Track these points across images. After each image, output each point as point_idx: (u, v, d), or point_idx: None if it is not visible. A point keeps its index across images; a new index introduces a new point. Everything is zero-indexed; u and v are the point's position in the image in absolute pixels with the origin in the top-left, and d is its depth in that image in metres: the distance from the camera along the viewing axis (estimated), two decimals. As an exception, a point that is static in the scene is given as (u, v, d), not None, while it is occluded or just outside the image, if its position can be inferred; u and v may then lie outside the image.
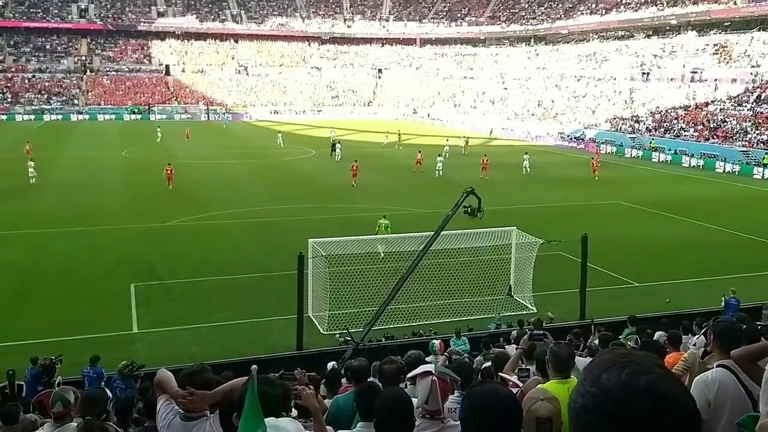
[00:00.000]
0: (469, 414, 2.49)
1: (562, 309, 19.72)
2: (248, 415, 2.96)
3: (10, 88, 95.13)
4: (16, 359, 15.29)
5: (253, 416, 2.96)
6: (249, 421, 2.94)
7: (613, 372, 1.45)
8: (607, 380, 1.44)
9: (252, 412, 2.96)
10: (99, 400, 5.33)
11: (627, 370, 1.45)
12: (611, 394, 1.42)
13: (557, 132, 74.03)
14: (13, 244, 27.41)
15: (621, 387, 1.42)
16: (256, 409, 2.97)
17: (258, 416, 2.97)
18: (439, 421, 4.35)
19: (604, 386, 1.44)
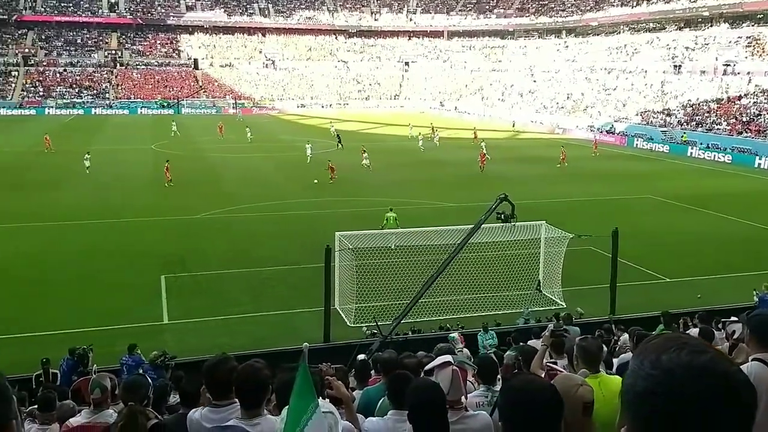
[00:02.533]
0: (509, 407, 2.46)
1: (592, 304, 19.52)
2: (300, 390, 3.00)
3: (42, 81, 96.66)
4: (49, 348, 15.57)
5: (306, 392, 3.01)
6: (301, 397, 2.99)
7: (672, 353, 1.48)
8: (668, 361, 1.47)
9: (304, 388, 3.01)
10: (140, 386, 5.42)
11: (685, 351, 1.48)
12: (674, 375, 1.45)
13: (587, 125, 73.26)
14: (46, 235, 27.88)
15: (683, 367, 1.45)
16: (308, 385, 3.02)
17: (310, 392, 3.03)
18: (460, 411, 4.36)
19: (666, 367, 1.46)
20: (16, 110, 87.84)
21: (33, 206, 32.93)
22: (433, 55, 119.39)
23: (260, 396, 4.02)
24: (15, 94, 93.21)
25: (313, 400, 3.03)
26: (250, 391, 4.00)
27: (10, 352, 16.87)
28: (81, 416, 5.83)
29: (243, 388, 4.03)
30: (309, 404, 2.99)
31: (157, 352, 12.95)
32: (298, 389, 3.01)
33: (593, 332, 13.70)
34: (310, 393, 3.03)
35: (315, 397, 3.06)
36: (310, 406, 2.99)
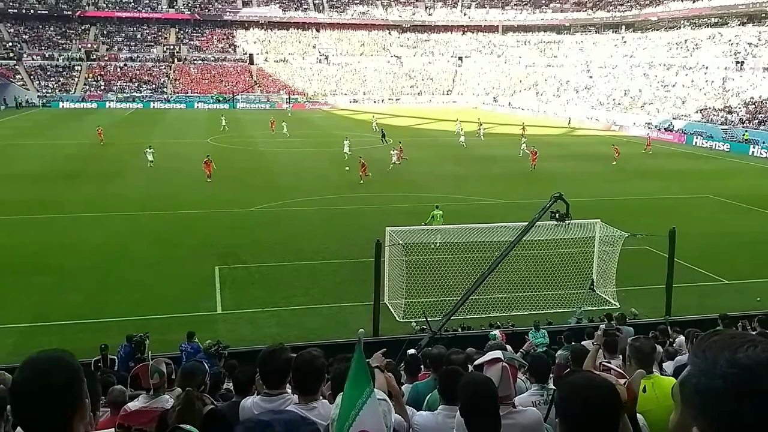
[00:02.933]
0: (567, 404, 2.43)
1: (647, 305, 19.12)
2: (356, 375, 3.04)
3: (103, 76, 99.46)
4: (106, 335, 16.10)
5: (361, 377, 3.04)
6: (357, 381, 3.02)
7: (747, 351, 1.45)
8: (746, 358, 1.44)
9: (359, 374, 3.04)
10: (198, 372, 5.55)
11: (760, 348, 1.45)
12: (755, 372, 1.43)
13: (644, 122, 71.61)
14: (106, 226, 28.72)
15: (763, 364, 1.43)
16: (363, 371, 3.06)
17: (366, 377, 3.06)
18: (509, 406, 4.34)
19: (745, 364, 1.43)
20: (78, 103, 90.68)
21: (95, 197, 33.96)
22: (487, 50, 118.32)
23: (316, 383, 4.09)
24: (78, 87, 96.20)
25: (368, 385, 3.05)
26: (306, 378, 4.07)
27: (73, 338, 17.47)
28: (138, 401, 6.00)
29: (300, 375, 4.11)
30: (364, 389, 3.02)
31: (211, 341, 13.22)
32: (353, 374, 3.03)
33: (648, 333, 13.41)
34: (365, 378, 3.06)
35: (370, 383, 3.09)
36: (365, 390, 3.02)
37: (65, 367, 2.27)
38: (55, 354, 2.32)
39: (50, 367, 2.24)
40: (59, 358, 2.29)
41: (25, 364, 2.28)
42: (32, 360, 2.29)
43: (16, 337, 17.78)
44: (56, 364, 2.26)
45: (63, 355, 2.35)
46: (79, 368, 2.34)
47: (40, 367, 2.23)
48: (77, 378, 2.30)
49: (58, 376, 2.22)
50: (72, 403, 2.25)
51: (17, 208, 31.27)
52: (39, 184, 37.00)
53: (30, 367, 2.25)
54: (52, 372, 2.22)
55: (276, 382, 4.46)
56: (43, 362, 2.26)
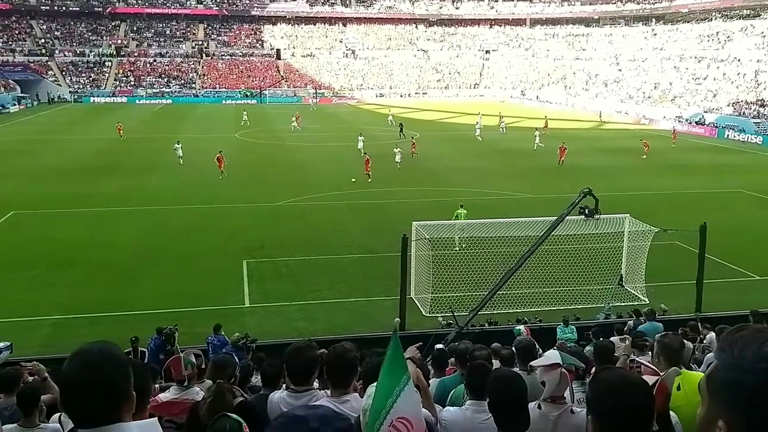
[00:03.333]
0: (600, 402, 2.41)
1: (677, 301, 18.85)
2: (392, 362, 3.04)
3: (133, 71, 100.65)
4: (136, 327, 16.32)
5: (398, 364, 3.05)
6: (393, 369, 3.03)
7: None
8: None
9: (396, 361, 3.05)
10: (228, 365, 5.61)
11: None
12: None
13: (674, 116, 70.55)
14: (135, 220, 29.12)
15: None
16: (400, 358, 3.06)
17: (402, 364, 3.07)
18: (563, 405, 4.34)
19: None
20: (109, 98, 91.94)
21: (125, 191, 34.41)
22: (515, 43, 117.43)
23: (349, 376, 4.11)
24: (108, 83, 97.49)
25: (405, 372, 3.06)
26: (339, 371, 4.10)
27: (103, 330, 17.74)
28: (169, 393, 6.08)
29: (333, 368, 4.13)
30: (401, 376, 3.03)
31: (239, 334, 13.35)
32: (389, 363, 3.04)
33: (677, 330, 13.24)
34: (402, 365, 3.07)
35: (407, 370, 3.09)
36: (402, 377, 3.02)
37: (116, 360, 2.33)
38: (104, 347, 2.37)
39: (101, 360, 2.29)
40: (109, 352, 2.35)
41: (76, 356, 2.32)
42: (83, 352, 2.34)
43: (49, 328, 18.12)
44: (107, 358, 2.31)
45: (112, 348, 2.40)
46: (127, 362, 2.40)
47: (92, 361, 2.28)
48: (127, 372, 2.36)
49: (110, 370, 2.28)
50: (122, 396, 2.30)
51: (49, 202, 31.84)
52: (70, 178, 37.62)
53: (81, 360, 2.29)
54: (104, 366, 2.27)
55: (302, 378, 4.48)
56: (94, 355, 2.31)
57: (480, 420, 4.44)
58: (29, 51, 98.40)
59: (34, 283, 21.26)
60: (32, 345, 16.27)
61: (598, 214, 17.01)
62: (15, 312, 18.84)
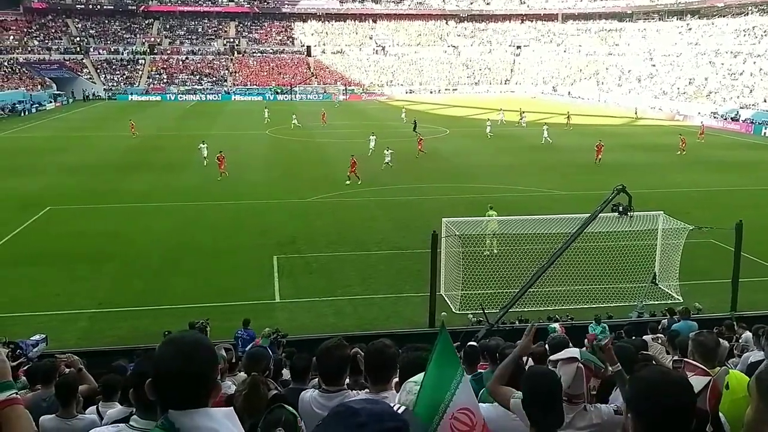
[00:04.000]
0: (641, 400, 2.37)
1: (712, 300, 18.54)
2: (443, 357, 3.04)
3: (166, 69, 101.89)
4: (169, 321, 16.55)
5: (451, 358, 3.05)
6: (446, 363, 3.03)
7: None
8: None
9: (448, 355, 3.04)
10: (263, 357, 5.68)
11: None
12: None
13: (710, 111, 69.28)
14: (167, 215, 29.48)
15: None
16: (452, 353, 3.06)
17: (456, 359, 3.07)
18: (579, 405, 4.27)
19: None
20: (143, 96, 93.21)
21: (158, 187, 34.87)
22: (546, 38, 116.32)
23: (388, 373, 4.11)
24: (142, 80, 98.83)
25: (459, 366, 3.06)
26: (378, 368, 4.10)
27: (137, 323, 18.06)
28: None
29: (372, 365, 4.13)
30: (456, 370, 3.03)
31: (269, 329, 13.42)
32: (441, 355, 3.03)
33: (712, 329, 13.01)
34: (454, 358, 3.07)
35: (460, 364, 3.09)
36: (458, 370, 3.03)
37: (207, 350, 2.42)
38: (196, 337, 2.48)
39: (193, 350, 2.37)
40: (201, 342, 2.44)
41: (170, 344, 2.41)
42: (175, 341, 2.42)
43: (85, 322, 18.44)
44: (198, 348, 2.39)
45: (202, 338, 2.52)
46: (216, 351, 2.49)
47: (185, 350, 2.36)
48: (216, 361, 2.47)
49: (202, 360, 2.37)
50: (211, 384, 2.39)
51: (84, 197, 32.39)
52: (104, 174, 38.21)
53: (175, 348, 2.38)
54: (195, 356, 2.35)
55: (334, 378, 4.49)
56: (187, 344, 2.40)
57: (512, 417, 4.41)
58: (65, 49, 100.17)
59: (70, 277, 21.65)
60: (69, 338, 16.59)
61: (631, 211, 16.78)
62: (52, 305, 19.22)
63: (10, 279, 21.43)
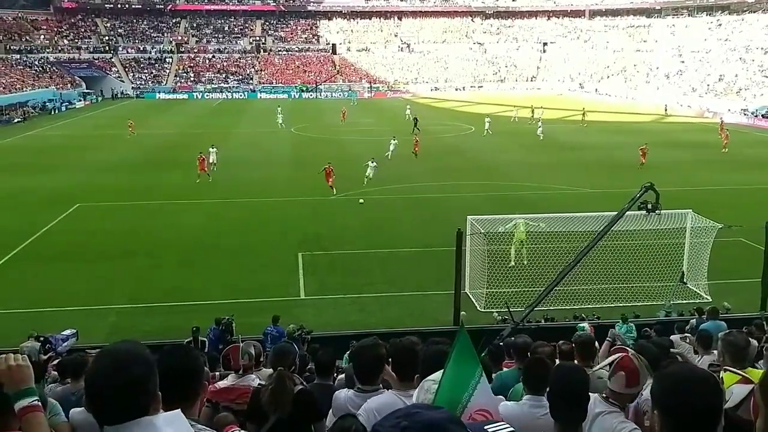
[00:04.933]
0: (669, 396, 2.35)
1: (741, 299, 18.23)
2: (462, 356, 3.03)
3: (193, 67, 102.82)
4: (197, 317, 16.70)
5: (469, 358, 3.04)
6: (465, 362, 3.02)
7: None
8: None
9: (466, 354, 3.03)
10: (289, 353, 5.74)
11: None
12: None
13: (740, 108, 68.14)
14: (194, 213, 29.76)
15: None
16: (471, 352, 3.05)
17: (474, 358, 3.05)
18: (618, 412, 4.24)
19: None
20: (170, 94, 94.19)
21: (185, 184, 35.19)
22: (573, 35, 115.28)
23: (414, 369, 4.12)
24: (169, 79, 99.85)
25: (478, 365, 3.04)
26: (406, 365, 4.11)
27: (164, 319, 18.27)
28: (227, 380, 6.25)
29: (399, 362, 4.15)
30: (475, 369, 3.01)
31: (294, 325, 13.52)
32: (459, 355, 3.02)
33: (741, 328, 12.81)
34: (473, 359, 3.05)
35: (479, 363, 3.08)
36: (476, 371, 3.01)
37: (143, 361, 2.34)
38: (131, 347, 2.37)
39: (126, 360, 2.29)
40: (136, 352, 2.35)
41: (103, 356, 2.34)
42: (110, 352, 2.35)
43: (114, 317, 18.70)
44: (132, 358, 2.31)
45: (138, 347, 2.39)
46: (153, 362, 2.40)
47: (120, 359, 2.29)
48: (153, 372, 2.37)
49: (137, 371, 2.29)
50: (149, 396, 2.32)
51: (112, 195, 32.82)
52: (131, 172, 38.69)
53: (108, 360, 2.31)
54: (130, 367, 2.28)
55: (369, 377, 4.51)
56: (121, 354, 2.32)
57: (538, 415, 4.40)
58: (94, 48, 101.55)
59: (99, 273, 21.97)
60: (98, 333, 16.82)
61: (659, 209, 16.54)
62: (81, 300, 19.51)
63: (41, 275, 21.80)
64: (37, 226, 27.29)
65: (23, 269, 22.49)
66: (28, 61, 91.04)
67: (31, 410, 2.70)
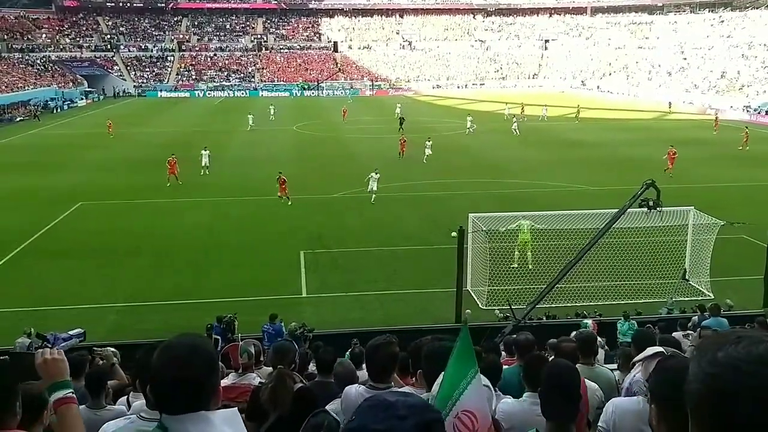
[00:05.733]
0: (665, 389, 2.34)
1: (744, 297, 18.21)
2: (461, 355, 3.02)
3: (195, 66, 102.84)
4: (199, 315, 16.75)
5: (467, 357, 3.03)
6: (462, 361, 3.02)
7: (728, 349, 1.36)
8: (725, 357, 1.35)
9: (465, 353, 3.03)
10: (289, 351, 5.75)
11: (741, 344, 1.35)
12: (732, 369, 1.33)
13: (743, 105, 67.99)
14: (196, 211, 29.77)
15: (741, 360, 1.33)
16: (469, 351, 3.04)
17: (471, 358, 3.05)
18: None
19: (723, 363, 1.34)
20: (172, 93, 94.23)
21: (187, 184, 35.14)
22: (575, 32, 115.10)
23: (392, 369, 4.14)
24: (171, 77, 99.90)
25: (474, 366, 3.03)
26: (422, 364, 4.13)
27: (166, 317, 18.27)
28: (228, 379, 6.25)
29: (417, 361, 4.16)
30: (469, 369, 3.00)
31: (296, 323, 13.52)
32: (459, 353, 3.01)
33: (744, 325, 12.79)
34: (471, 359, 3.04)
35: (476, 364, 3.06)
36: (470, 371, 3.00)
37: (206, 356, 2.38)
38: (194, 341, 2.41)
39: (188, 356, 2.33)
40: (197, 347, 2.39)
41: (165, 350, 2.37)
42: (171, 347, 2.38)
43: (116, 315, 18.72)
44: (194, 353, 2.35)
45: (201, 342, 2.45)
46: (216, 356, 2.45)
47: (180, 356, 2.33)
48: (215, 367, 2.43)
49: (198, 366, 2.33)
50: (210, 390, 2.37)
51: (114, 193, 32.84)
52: (133, 170, 38.70)
53: (171, 355, 2.35)
54: (191, 362, 2.31)
55: (382, 374, 4.52)
56: (183, 350, 2.35)
57: (537, 412, 4.39)
58: (95, 47, 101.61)
59: (101, 271, 21.99)
60: (99, 331, 16.81)
61: (660, 206, 16.52)
62: (83, 299, 19.52)
63: (43, 273, 21.83)
64: (39, 224, 27.31)
65: (25, 267, 22.53)
66: (30, 59, 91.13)
67: (65, 402, 2.79)
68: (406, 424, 1.60)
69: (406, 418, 1.61)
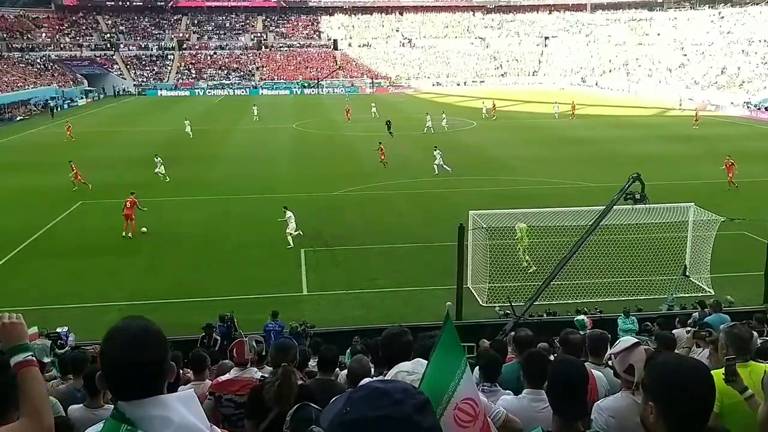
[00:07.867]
0: (659, 386, 2.35)
1: (744, 293, 18.24)
2: (448, 345, 3.02)
3: (195, 64, 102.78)
4: (198, 314, 16.77)
5: (455, 347, 3.03)
6: (451, 351, 3.01)
7: None
8: None
9: (452, 344, 3.02)
10: (290, 348, 5.79)
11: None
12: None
13: (743, 102, 67.91)
14: (197, 209, 29.80)
15: None
16: (456, 342, 3.04)
17: (459, 347, 3.05)
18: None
19: None
20: (172, 91, 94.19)
21: (187, 181, 35.21)
22: (575, 29, 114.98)
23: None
24: (171, 76, 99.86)
25: (463, 355, 3.04)
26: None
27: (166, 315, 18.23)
28: (230, 374, 6.34)
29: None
30: (461, 359, 3.00)
31: (296, 321, 13.54)
32: (445, 345, 3.00)
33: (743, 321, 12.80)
34: (458, 348, 3.04)
35: (463, 353, 3.07)
36: (462, 360, 3.00)
37: (160, 337, 2.36)
38: (143, 324, 2.36)
39: (141, 339, 2.30)
40: (151, 329, 2.35)
41: (117, 333, 2.32)
42: (122, 330, 2.33)
43: (115, 313, 18.69)
44: (151, 335, 2.32)
45: (151, 324, 2.38)
46: (165, 338, 2.41)
47: (133, 339, 2.29)
48: (167, 347, 2.40)
49: (152, 348, 2.30)
50: (164, 371, 2.35)
51: (115, 192, 32.76)
52: (134, 169, 38.68)
53: (122, 339, 2.31)
54: (144, 345, 2.29)
55: (393, 364, 4.53)
56: (136, 332, 2.31)
57: (538, 408, 4.40)
58: (95, 46, 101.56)
59: (101, 269, 22.03)
60: (100, 330, 16.81)
61: (646, 200, 16.52)
62: (83, 298, 19.56)
63: (44, 271, 21.89)
64: (39, 223, 27.35)
65: (26, 266, 22.58)
66: (30, 59, 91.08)
67: (26, 365, 2.75)
68: (406, 407, 1.66)
69: (402, 402, 1.66)
